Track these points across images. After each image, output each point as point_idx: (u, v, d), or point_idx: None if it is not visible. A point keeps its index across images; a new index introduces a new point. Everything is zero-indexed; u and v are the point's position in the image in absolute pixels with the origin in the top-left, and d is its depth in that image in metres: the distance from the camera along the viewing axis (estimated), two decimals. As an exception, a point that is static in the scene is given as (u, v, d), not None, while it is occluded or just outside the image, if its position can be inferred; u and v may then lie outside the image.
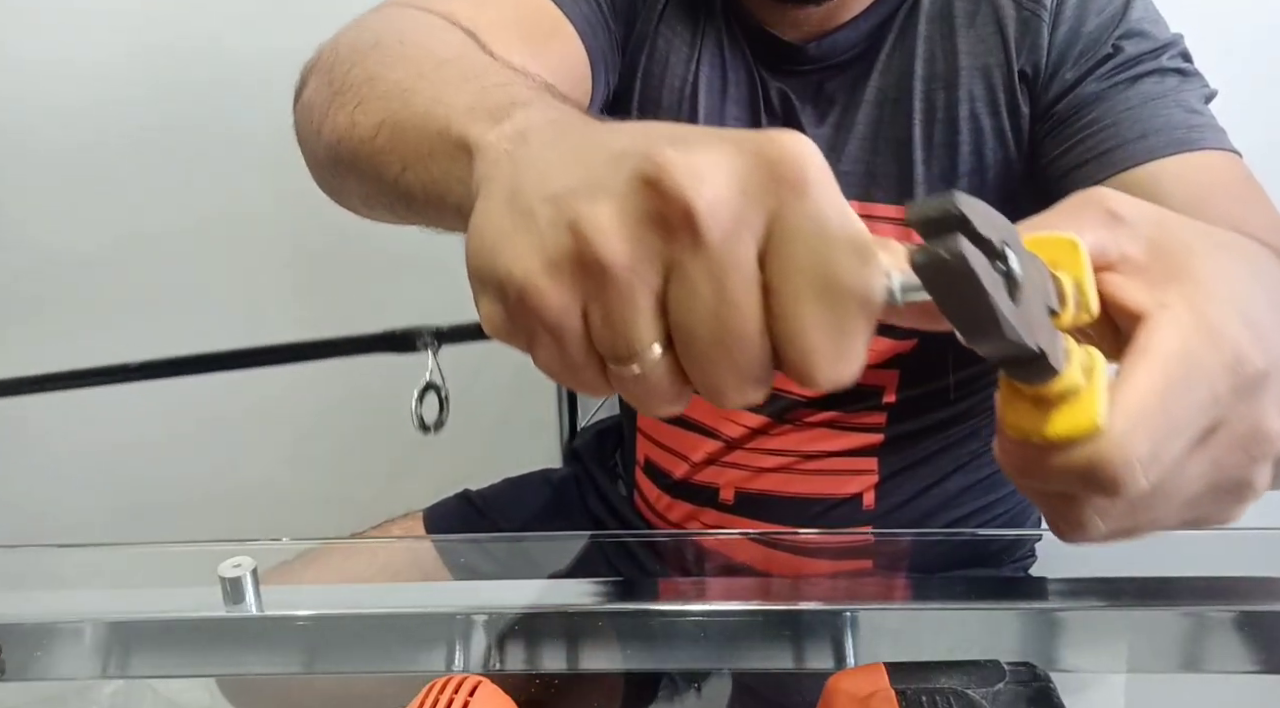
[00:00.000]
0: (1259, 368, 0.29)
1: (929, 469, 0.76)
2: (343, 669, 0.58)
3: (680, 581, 0.70)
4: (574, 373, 0.29)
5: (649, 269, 0.27)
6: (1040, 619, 0.55)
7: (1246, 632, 0.53)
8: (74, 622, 0.57)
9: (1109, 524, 0.30)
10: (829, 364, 0.28)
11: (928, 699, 0.41)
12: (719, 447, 0.75)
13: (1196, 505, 0.31)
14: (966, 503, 0.78)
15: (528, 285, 0.28)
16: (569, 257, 0.27)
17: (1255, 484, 0.31)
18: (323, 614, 0.57)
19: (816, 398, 0.72)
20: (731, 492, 0.76)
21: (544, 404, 1.26)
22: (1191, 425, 0.28)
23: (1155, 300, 0.29)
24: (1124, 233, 0.31)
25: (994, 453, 0.32)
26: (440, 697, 0.43)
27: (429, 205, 0.40)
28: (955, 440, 0.76)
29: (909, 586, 0.66)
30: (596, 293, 0.27)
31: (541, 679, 0.56)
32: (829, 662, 0.54)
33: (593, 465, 0.91)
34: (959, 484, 0.77)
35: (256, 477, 1.38)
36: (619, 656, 0.57)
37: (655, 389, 0.28)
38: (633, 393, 0.29)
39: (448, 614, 0.57)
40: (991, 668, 0.43)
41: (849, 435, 0.74)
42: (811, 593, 0.59)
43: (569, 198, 0.28)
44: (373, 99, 0.45)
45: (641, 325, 0.27)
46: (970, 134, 0.67)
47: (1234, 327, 0.29)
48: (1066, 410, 0.28)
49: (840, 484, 0.75)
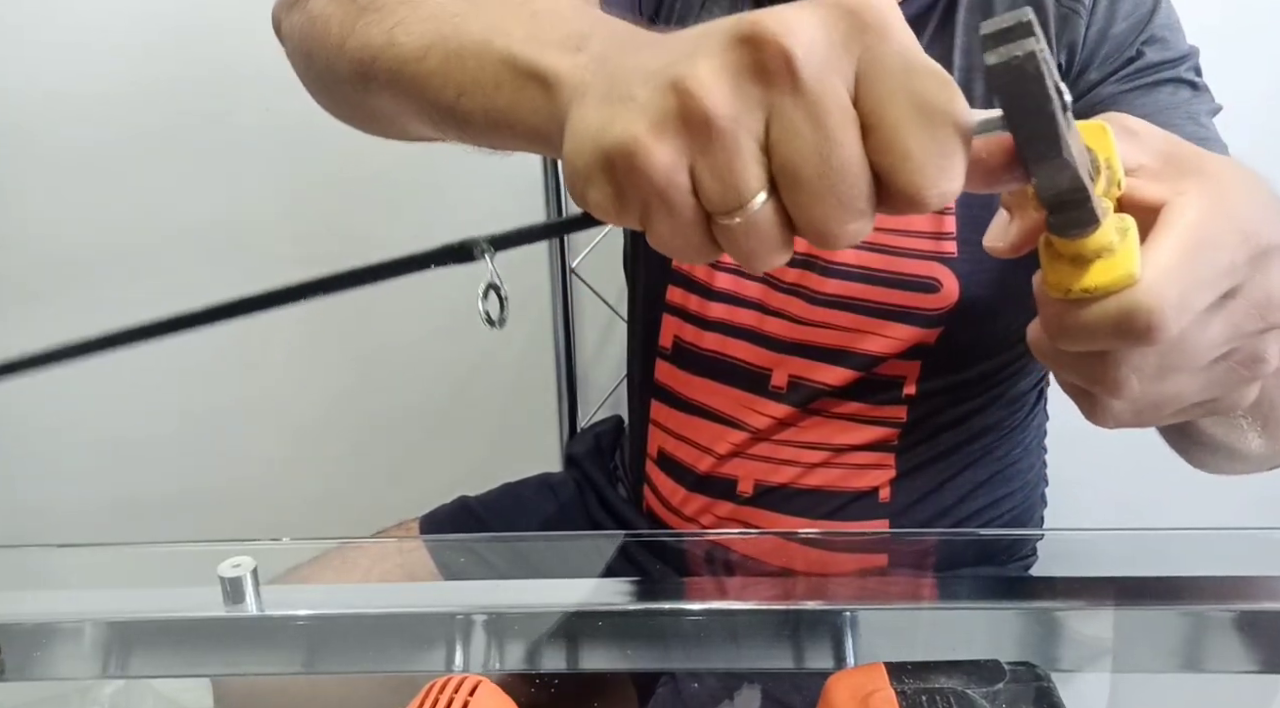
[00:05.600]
0: (1271, 242, 0.33)
1: (944, 464, 0.76)
2: (343, 669, 0.58)
3: (681, 580, 0.70)
4: (685, 236, 0.31)
5: (751, 117, 0.29)
6: (1040, 619, 0.55)
7: (1246, 632, 0.53)
8: (74, 622, 0.57)
9: (1141, 384, 0.33)
10: (936, 182, 0.29)
11: (928, 699, 0.41)
12: (744, 438, 0.75)
13: (1216, 378, 0.34)
14: (979, 497, 0.78)
15: (637, 149, 0.29)
16: (673, 115, 0.29)
17: (1267, 357, 0.35)
18: (323, 614, 0.57)
19: (840, 387, 0.72)
20: (750, 484, 0.76)
21: (544, 405, 1.26)
22: (1213, 284, 0.32)
23: (1173, 191, 0.33)
24: (1138, 145, 0.34)
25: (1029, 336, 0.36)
26: (440, 697, 0.43)
27: (492, 130, 0.41)
28: (971, 435, 0.76)
29: (909, 585, 0.66)
30: (703, 147, 0.29)
31: (541, 679, 0.56)
32: (829, 662, 0.54)
33: (591, 469, 0.91)
34: (972, 479, 0.77)
35: (256, 476, 1.38)
36: (619, 656, 0.57)
37: (763, 237, 0.30)
38: (741, 246, 0.30)
39: (448, 614, 0.57)
40: (991, 668, 0.43)
41: (869, 428, 0.74)
42: (811, 593, 0.59)
43: (667, 68, 0.29)
44: (415, 21, 0.46)
45: (748, 172, 0.29)
46: None
47: (1245, 207, 0.33)
48: (1103, 265, 0.31)
49: (857, 478, 0.75)
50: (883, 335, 0.70)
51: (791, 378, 0.73)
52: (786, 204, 0.29)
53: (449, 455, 1.35)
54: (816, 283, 0.70)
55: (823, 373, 0.72)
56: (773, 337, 0.73)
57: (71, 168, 1.25)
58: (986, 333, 0.72)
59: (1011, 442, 0.79)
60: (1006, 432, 0.78)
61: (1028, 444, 0.82)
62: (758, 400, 0.74)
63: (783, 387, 0.73)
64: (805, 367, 0.73)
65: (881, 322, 0.70)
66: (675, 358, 0.78)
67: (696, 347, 0.76)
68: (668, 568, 0.74)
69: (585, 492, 0.91)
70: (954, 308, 0.68)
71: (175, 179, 1.25)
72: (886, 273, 0.68)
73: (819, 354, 0.72)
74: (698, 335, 0.76)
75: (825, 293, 0.70)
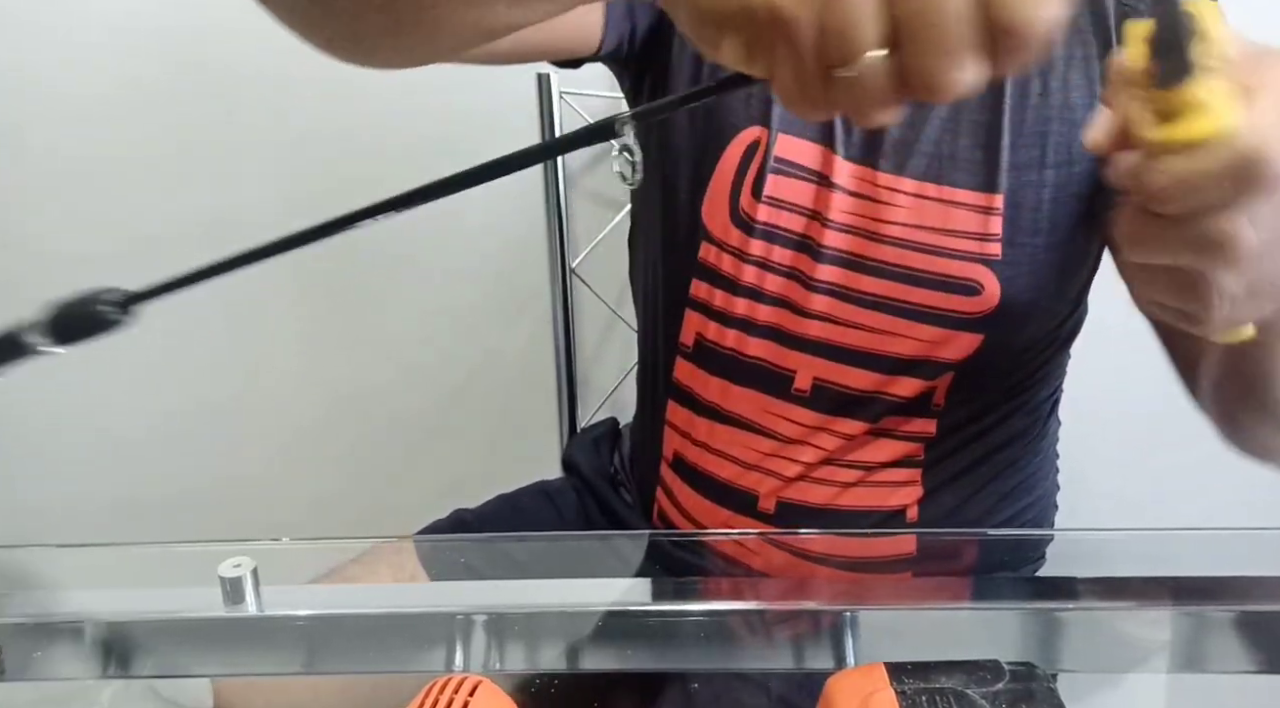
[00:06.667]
0: None
1: (970, 477, 0.75)
2: (343, 669, 0.58)
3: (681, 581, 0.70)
4: (806, 87, 0.33)
5: None
6: (1040, 619, 0.55)
7: (1247, 632, 0.53)
8: (74, 622, 0.57)
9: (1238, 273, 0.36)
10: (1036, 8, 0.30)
11: (928, 699, 0.41)
12: (770, 445, 0.73)
13: None
14: (1003, 510, 0.77)
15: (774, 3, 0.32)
16: None
17: None
18: (323, 614, 0.57)
19: (865, 393, 0.71)
20: (773, 501, 0.74)
21: (543, 405, 1.26)
22: None
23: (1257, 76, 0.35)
24: None
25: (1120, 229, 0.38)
26: (440, 697, 0.43)
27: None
28: (995, 446, 0.75)
29: (909, 585, 0.65)
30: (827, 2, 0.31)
31: (541, 679, 0.56)
32: (829, 662, 0.54)
33: (591, 475, 0.89)
34: (997, 492, 0.76)
35: (257, 476, 1.38)
36: (619, 656, 0.57)
37: (878, 89, 0.32)
38: (858, 99, 0.33)
39: (448, 614, 0.57)
40: (991, 668, 0.43)
41: (897, 443, 0.72)
42: (811, 593, 0.59)
43: None
44: None
45: (867, 23, 0.31)
46: (1062, 124, 0.66)
47: None
48: (1204, 116, 0.33)
49: (885, 497, 0.73)
50: (911, 338, 0.69)
51: (816, 381, 0.71)
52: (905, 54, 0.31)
53: (449, 456, 1.35)
54: (855, 281, 0.69)
55: (848, 376, 0.71)
56: (798, 336, 0.71)
57: (71, 168, 1.25)
58: (1019, 340, 0.71)
59: (1032, 451, 0.78)
60: (1028, 441, 0.77)
61: (1045, 453, 0.81)
62: (780, 404, 0.72)
63: (806, 390, 0.72)
64: (830, 369, 0.71)
65: (914, 324, 0.68)
66: (697, 357, 0.76)
67: (719, 345, 0.74)
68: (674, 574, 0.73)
69: (585, 498, 0.89)
70: (992, 313, 0.67)
71: (175, 179, 1.25)
72: (929, 274, 0.67)
73: (846, 356, 0.70)
74: (720, 333, 0.74)
75: (863, 291, 0.69)
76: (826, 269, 0.69)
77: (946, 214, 0.67)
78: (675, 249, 0.76)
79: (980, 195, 0.67)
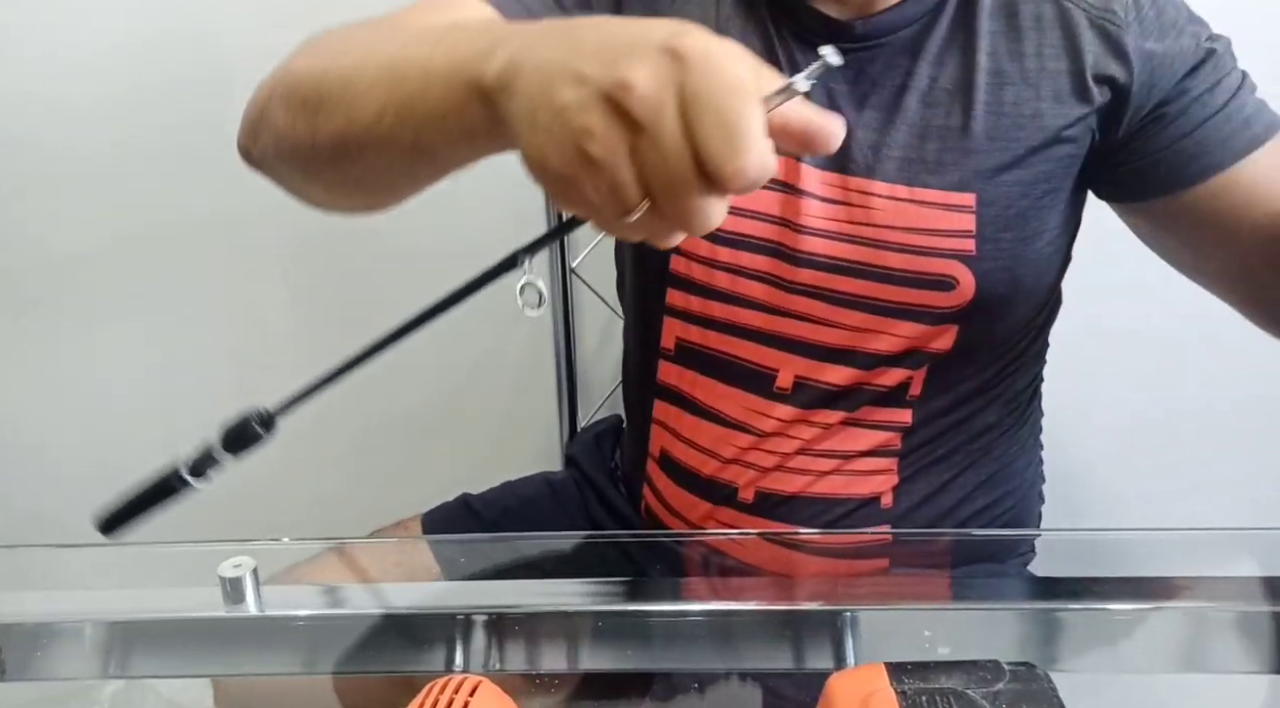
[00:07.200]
0: None
1: (946, 466, 0.76)
2: (343, 669, 0.58)
3: (681, 581, 0.70)
4: (611, 227, 0.41)
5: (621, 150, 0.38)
6: (1040, 619, 0.55)
7: (1246, 632, 0.53)
8: (74, 622, 0.57)
9: None
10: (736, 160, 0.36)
11: (928, 699, 0.41)
12: (749, 441, 0.75)
13: None
14: (979, 498, 0.78)
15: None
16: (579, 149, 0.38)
17: None
18: (323, 614, 0.57)
19: (844, 388, 0.72)
20: (751, 491, 0.76)
21: (544, 405, 1.26)
22: None
23: None
24: None
25: None
26: (440, 697, 0.43)
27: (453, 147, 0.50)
28: (971, 435, 0.76)
29: (909, 585, 0.66)
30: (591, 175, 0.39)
31: (541, 679, 0.56)
32: (829, 662, 0.54)
33: (591, 469, 0.91)
34: (973, 480, 0.77)
35: (256, 476, 1.38)
36: (619, 656, 0.57)
37: (656, 227, 0.40)
38: (647, 233, 0.40)
39: (448, 614, 0.57)
40: (991, 668, 0.43)
41: (873, 433, 0.74)
42: (811, 593, 0.59)
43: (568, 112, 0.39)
44: (363, 92, 0.52)
45: (627, 188, 0.38)
46: (1034, 132, 0.67)
47: None
48: None
49: (861, 485, 0.75)
50: (890, 334, 0.70)
51: (797, 379, 0.73)
52: (658, 207, 0.38)
53: (449, 455, 1.35)
54: (833, 282, 0.70)
55: (828, 373, 0.72)
56: (779, 335, 0.72)
57: (70, 169, 1.25)
58: (995, 332, 0.72)
59: (1009, 440, 0.79)
60: (1005, 431, 0.78)
61: (1025, 442, 0.82)
62: (762, 402, 0.74)
63: (787, 388, 0.73)
64: (811, 367, 0.72)
65: (892, 320, 0.70)
66: (680, 358, 0.78)
67: (703, 347, 0.76)
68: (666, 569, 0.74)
69: (585, 491, 0.90)
70: (967, 306, 0.68)
71: (174, 180, 1.25)
72: (906, 272, 0.68)
73: (826, 354, 0.72)
74: (703, 335, 0.75)
75: (842, 291, 0.70)
76: (805, 272, 0.70)
77: (920, 214, 0.68)
78: (647, 260, 0.78)
79: (952, 194, 0.68)
